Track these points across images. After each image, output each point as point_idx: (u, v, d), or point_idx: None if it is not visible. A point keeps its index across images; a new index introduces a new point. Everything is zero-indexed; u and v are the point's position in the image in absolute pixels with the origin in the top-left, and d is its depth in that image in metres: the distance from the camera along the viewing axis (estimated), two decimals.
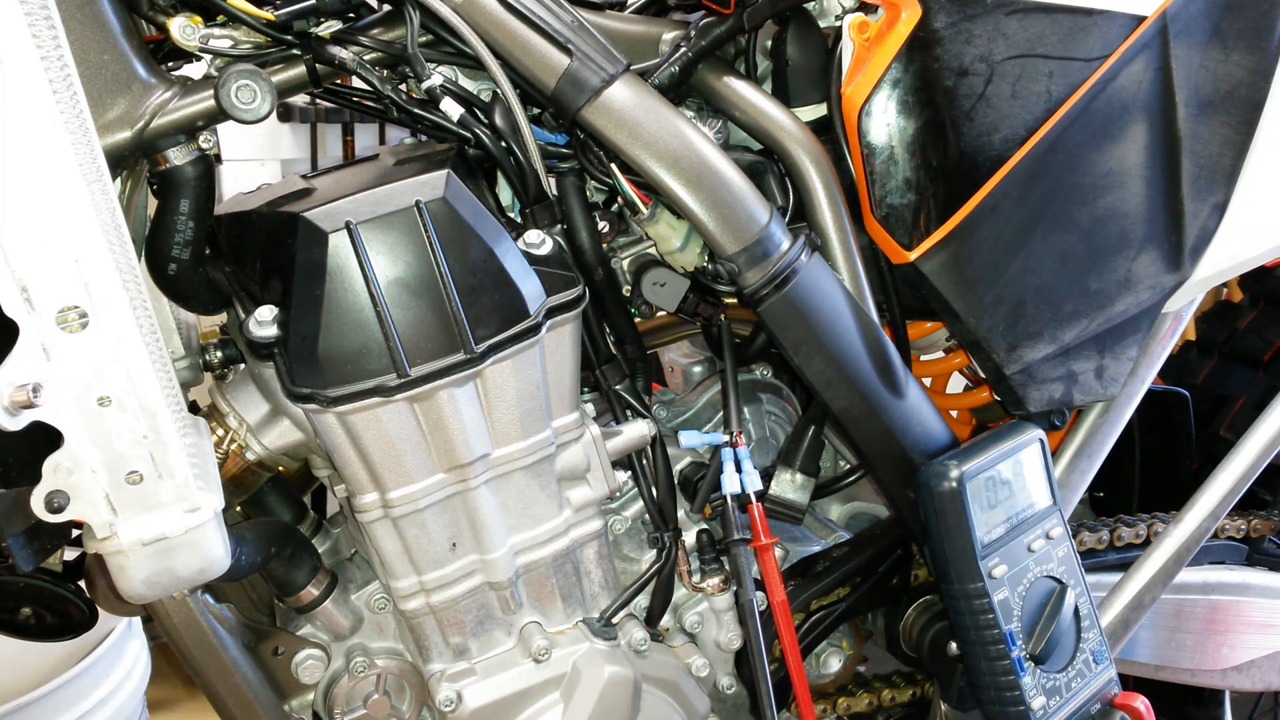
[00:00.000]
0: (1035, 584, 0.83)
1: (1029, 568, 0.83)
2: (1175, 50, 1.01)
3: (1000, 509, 0.84)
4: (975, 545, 0.82)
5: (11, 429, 0.68)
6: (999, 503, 0.85)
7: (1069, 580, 0.83)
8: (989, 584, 0.82)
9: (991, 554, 0.83)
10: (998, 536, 0.84)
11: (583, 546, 1.00)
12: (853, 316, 0.98)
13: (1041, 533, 0.85)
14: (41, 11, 0.70)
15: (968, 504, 0.82)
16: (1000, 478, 0.85)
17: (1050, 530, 0.85)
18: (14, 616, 1.07)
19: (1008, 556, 0.83)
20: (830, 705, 1.20)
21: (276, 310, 0.85)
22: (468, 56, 0.94)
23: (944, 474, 0.83)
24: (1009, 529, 0.84)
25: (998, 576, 0.82)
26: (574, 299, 0.90)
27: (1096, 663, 0.83)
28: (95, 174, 0.73)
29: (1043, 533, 0.85)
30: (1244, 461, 1.19)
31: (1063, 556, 0.84)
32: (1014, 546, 0.84)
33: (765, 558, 1.01)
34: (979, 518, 0.83)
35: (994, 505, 0.84)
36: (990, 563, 0.83)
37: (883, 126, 0.98)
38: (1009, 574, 0.83)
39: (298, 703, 1.04)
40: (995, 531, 0.84)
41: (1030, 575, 0.83)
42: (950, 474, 0.82)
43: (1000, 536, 0.84)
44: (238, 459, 0.98)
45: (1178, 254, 1.07)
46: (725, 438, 1.04)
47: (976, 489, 0.83)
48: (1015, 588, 0.83)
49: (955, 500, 0.83)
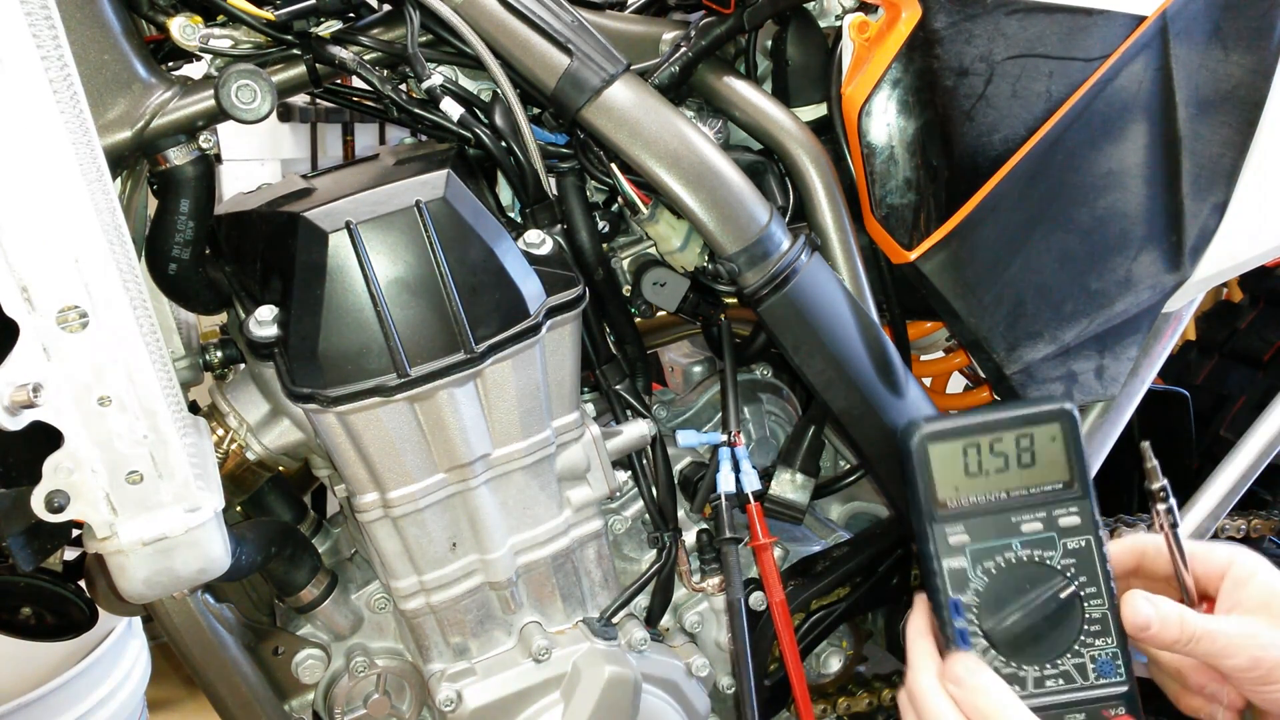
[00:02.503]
0: (1015, 565, 0.80)
1: (1010, 546, 0.80)
2: (1175, 50, 1.01)
3: (984, 479, 0.80)
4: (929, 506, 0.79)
5: (11, 429, 0.68)
6: (983, 473, 0.81)
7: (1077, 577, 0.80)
8: (940, 548, 0.79)
9: (953, 520, 0.80)
10: (969, 505, 0.80)
11: (583, 546, 1.00)
12: (853, 316, 0.98)
13: (1046, 517, 0.80)
14: (41, 11, 0.70)
15: (928, 463, 0.79)
16: (990, 448, 0.80)
17: (1060, 518, 0.81)
18: (14, 616, 1.07)
19: (976, 528, 0.80)
20: (830, 705, 1.20)
21: (276, 310, 0.85)
22: (468, 56, 0.94)
23: (910, 432, 0.80)
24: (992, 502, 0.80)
25: (954, 545, 0.79)
26: (574, 299, 0.90)
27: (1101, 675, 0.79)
28: (95, 174, 0.73)
29: (1048, 517, 0.81)
30: (1244, 461, 1.19)
31: (1074, 549, 0.79)
32: (991, 521, 0.80)
33: (763, 557, 1.01)
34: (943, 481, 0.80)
35: (974, 474, 0.80)
36: (948, 528, 0.79)
37: (883, 126, 0.98)
38: (971, 545, 0.80)
39: (298, 702, 1.04)
40: (968, 499, 0.80)
41: (1009, 555, 0.79)
42: (919, 431, 0.79)
43: (973, 505, 0.80)
44: (238, 459, 0.98)
45: (1178, 254, 1.07)
46: (724, 437, 1.04)
47: (947, 452, 0.80)
48: (981, 561, 0.79)
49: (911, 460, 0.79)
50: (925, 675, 0.77)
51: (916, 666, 0.78)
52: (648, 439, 1.02)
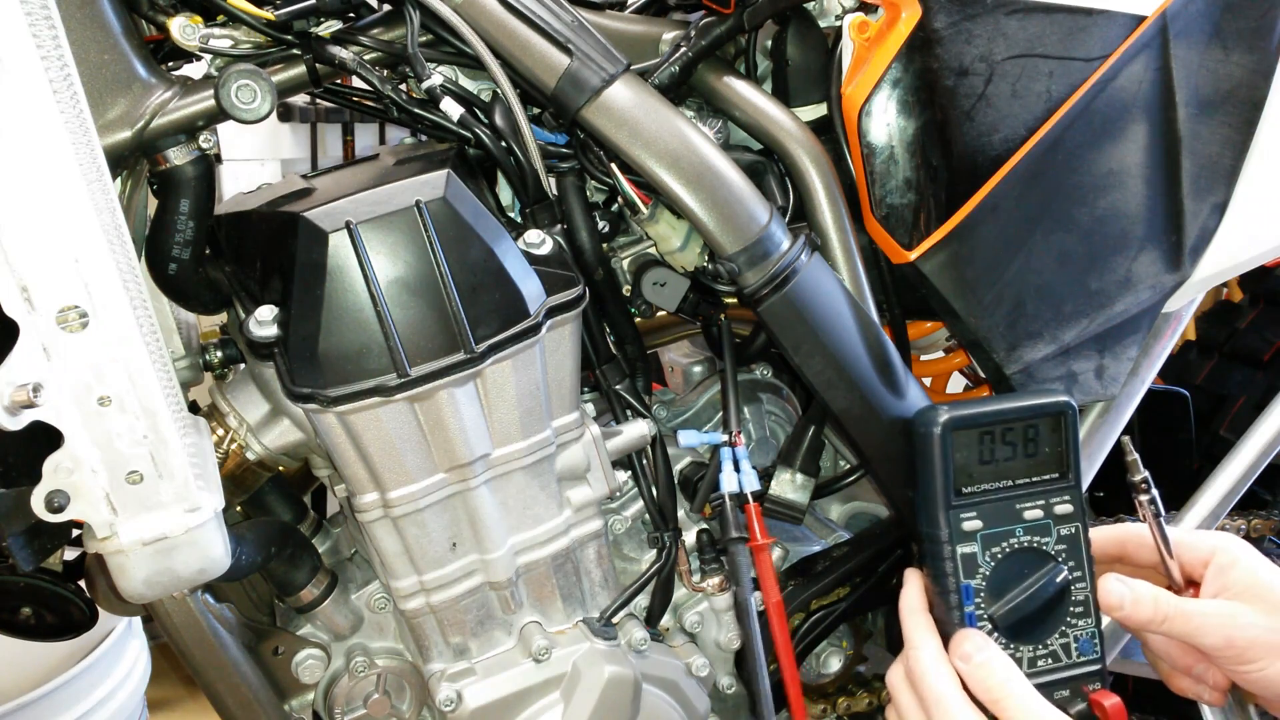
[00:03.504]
0: (1017, 552, 0.83)
1: (1015, 533, 0.83)
2: (1175, 50, 1.01)
3: (994, 467, 0.83)
4: (947, 494, 0.82)
5: (11, 429, 0.68)
6: (994, 460, 0.84)
7: (1067, 561, 0.83)
8: (955, 535, 0.82)
9: (968, 507, 0.82)
10: (982, 492, 0.83)
11: (583, 546, 1.00)
12: (853, 316, 0.98)
13: (1044, 504, 0.84)
14: (41, 11, 0.70)
15: (948, 452, 0.82)
16: (1001, 436, 0.84)
17: (1056, 506, 0.84)
18: (14, 616, 1.07)
19: (989, 515, 0.83)
20: (830, 705, 1.20)
21: (276, 310, 0.85)
22: (468, 56, 0.94)
23: (932, 419, 0.82)
24: (1000, 489, 0.83)
25: (968, 530, 0.82)
26: (574, 299, 0.90)
27: (1081, 653, 0.83)
28: (95, 174, 0.73)
29: (1046, 505, 0.84)
30: (1244, 461, 1.19)
31: (1066, 536, 0.84)
32: (1000, 508, 0.83)
33: (760, 558, 1.01)
34: (959, 468, 0.82)
35: (987, 461, 0.83)
36: (963, 514, 0.82)
37: (883, 126, 0.98)
38: (983, 531, 0.82)
39: (298, 702, 1.04)
40: (981, 487, 0.83)
41: (1013, 541, 0.83)
42: (939, 419, 0.82)
43: (985, 492, 0.83)
44: (238, 459, 0.98)
45: (1178, 254, 1.07)
46: (724, 437, 1.04)
47: (966, 440, 0.83)
48: (989, 547, 0.82)
49: (933, 446, 0.82)
50: (926, 652, 0.79)
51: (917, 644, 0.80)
52: (648, 439, 1.02)
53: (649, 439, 1.02)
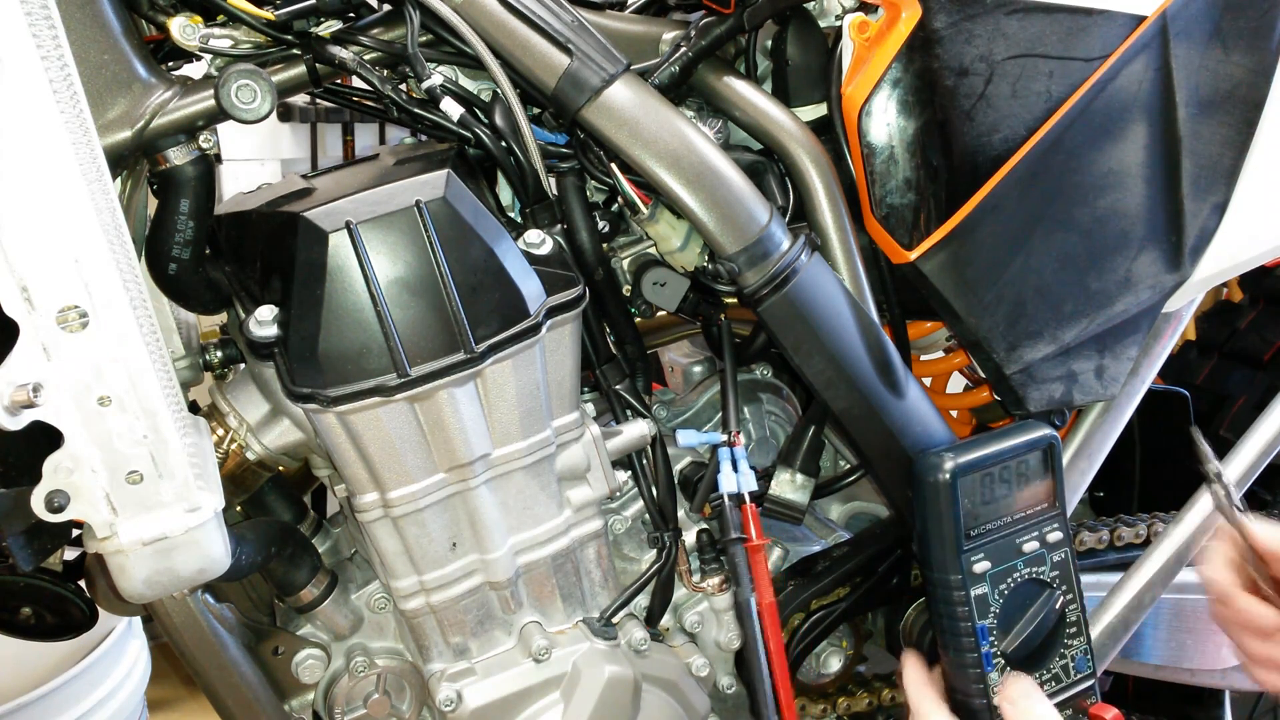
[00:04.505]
0: (1020, 585, 0.84)
1: (1016, 568, 0.84)
2: (1175, 50, 1.01)
3: (995, 506, 0.85)
4: (959, 539, 0.83)
5: (11, 429, 0.68)
6: (994, 500, 0.85)
7: (1060, 586, 0.84)
8: (968, 578, 0.83)
9: (976, 549, 0.84)
10: (987, 532, 0.84)
11: (583, 546, 1.00)
12: (853, 316, 0.98)
13: (1038, 535, 0.85)
14: (41, 11, 0.70)
15: (957, 498, 0.83)
16: (999, 475, 0.85)
17: (1048, 534, 0.85)
18: (14, 616, 1.07)
19: (994, 553, 0.84)
20: (830, 705, 1.20)
21: (276, 310, 0.85)
22: (468, 56, 0.94)
23: (937, 466, 0.83)
24: (1001, 527, 0.85)
25: (978, 572, 0.83)
26: (574, 299, 0.90)
27: (1077, 670, 0.84)
28: (95, 174, 0.73)
29: (1040, 535, 0.85)
30: (1244, 461, 1.19)
31: (1058, 562, 0.85)
32: (1003, 545, 0.85)
33: (755, 559, 1.01)
34: (967, 512, 0.84)
35: (988, 501, 0.85)
36: (973, 557, 0.84)
37: (883, 126, 0.98)
38: (991, 571, 0.84)
39: (298, 702, 1.04)
40: (985, 527, 0.84)
41: (1016, 575, 0.84)
42: (944, 466, 0.83)
43: (989, 532, 0.84)
44: (238, 459, 0.98)
45: (1178, 254, 1.07)
46: (724, 437, 1.04)
47: (970, 484, 0.84)
48: (997, 585, 0.84)
49: (942, 493, 0.84)
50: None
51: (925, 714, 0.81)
52: (648, 439, 1.02)
53: (649, 439, 1.02)
